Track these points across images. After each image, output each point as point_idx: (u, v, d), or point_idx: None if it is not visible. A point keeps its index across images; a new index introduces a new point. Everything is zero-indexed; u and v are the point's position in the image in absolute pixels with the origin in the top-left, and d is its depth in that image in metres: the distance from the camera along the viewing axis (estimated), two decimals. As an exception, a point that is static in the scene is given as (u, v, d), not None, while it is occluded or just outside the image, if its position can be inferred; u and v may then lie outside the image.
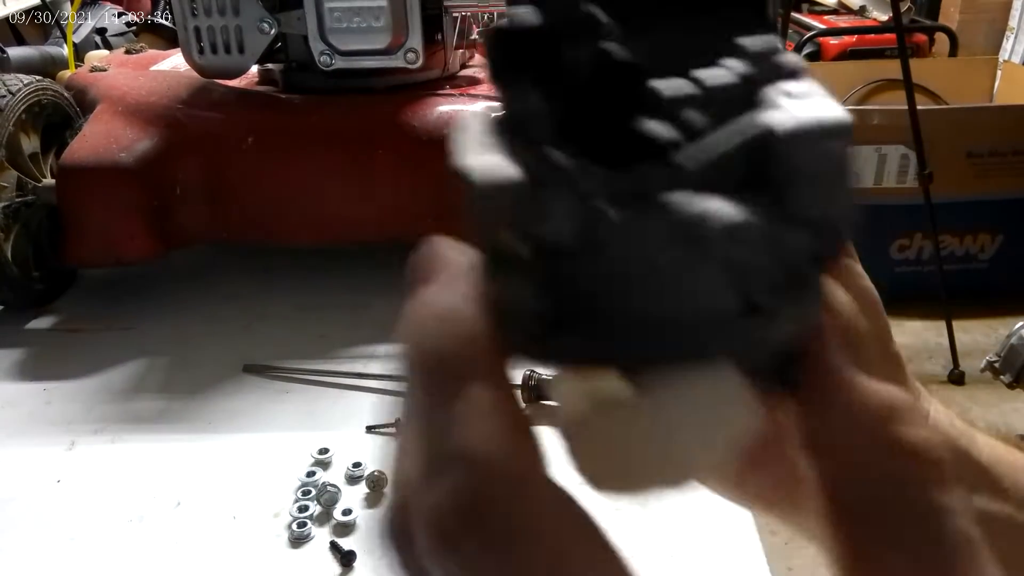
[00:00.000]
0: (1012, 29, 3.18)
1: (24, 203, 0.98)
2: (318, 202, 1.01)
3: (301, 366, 0.89)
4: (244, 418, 0.82)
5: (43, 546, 0.67)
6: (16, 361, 0.94)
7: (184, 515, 0.70)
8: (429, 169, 0.99)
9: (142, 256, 0.99)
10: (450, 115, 1.01)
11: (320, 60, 0.99)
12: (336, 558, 0.65)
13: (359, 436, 0.79)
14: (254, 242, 1.06)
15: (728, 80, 0.17)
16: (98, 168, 0.96)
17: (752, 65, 0.17)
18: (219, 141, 1.00)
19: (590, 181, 0.16)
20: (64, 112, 1.07)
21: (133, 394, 0.87)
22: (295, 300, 1.05)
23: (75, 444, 0.79)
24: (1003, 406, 1.84)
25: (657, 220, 0.16)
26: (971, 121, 2.15)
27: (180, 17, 1.00)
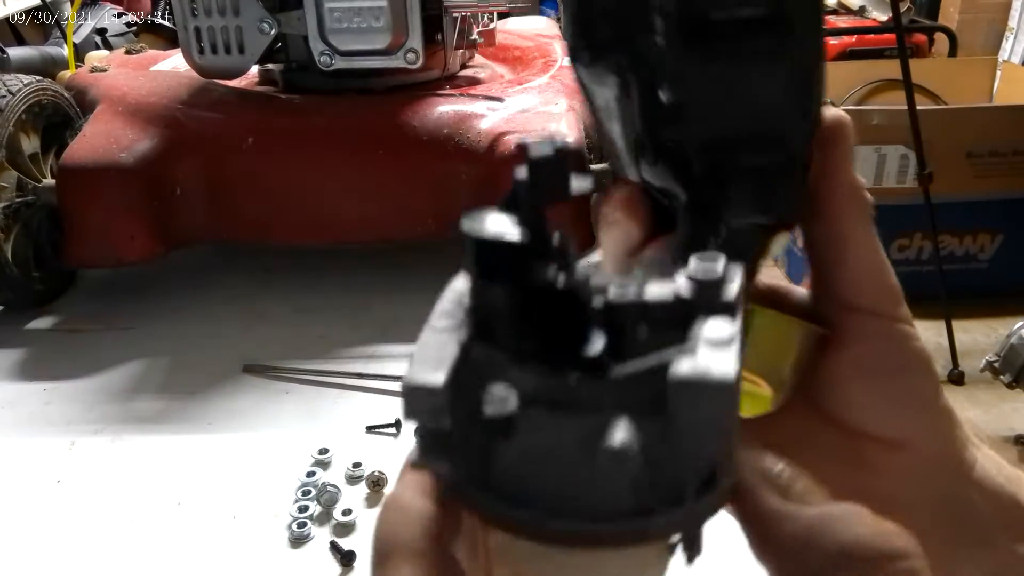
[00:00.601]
0: (1012, 29, 3.18)
1: (24, 203, 0.98)
2: (318, 202, 1.01)
3: (301, 366, 0.89)
4: (244, 418, 0.82)
5: (43, 546, 0.67)
6: (16, 361, 0.94)
7: (184, 515, 0.70)
8: (429, 169, 0.99)
9: (142, 256, 0.99)
10: (450, 115, 1.01)
11: (320, 60, 0.99)
12: (336, 558, 0.65)
13: (359, 436, 0.79)
14: (254, 242, 1.06)
15: (667, 299, 0.20)
16: (98, 168, 0.96)
17: (694, 289, 0.20)
18: (219, 141, 1.00)
19: (523, 378, 0.19)
20: (64, 112, 1.07)
21: (133, 394, 0.87)
22: (295, 300, 1.05)
23: (75, 444, 0.79)
24: (1003, 406, 1.84)
25: (566, 426, 0.19)
26: (971, 121, 2.14)
27: (180, 17, 1.00)
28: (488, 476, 0.20)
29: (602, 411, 0.19)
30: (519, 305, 0.20)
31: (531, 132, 0.97)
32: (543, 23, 1.62)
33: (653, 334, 0.20)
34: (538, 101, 1.05)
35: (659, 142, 0.25)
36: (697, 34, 0.22)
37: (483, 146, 0.97)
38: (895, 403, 0.26)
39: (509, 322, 0.20)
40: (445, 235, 1.03)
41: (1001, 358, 1.62)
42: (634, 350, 0.19)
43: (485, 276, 0.20)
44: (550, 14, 2.63)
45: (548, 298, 0.20)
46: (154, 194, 0.98)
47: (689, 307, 0.19)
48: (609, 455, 0.18)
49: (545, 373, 0.19)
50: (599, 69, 0.26)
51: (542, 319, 0.20)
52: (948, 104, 2.39)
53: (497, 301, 0.20)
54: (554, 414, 0.19)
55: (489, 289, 0.20)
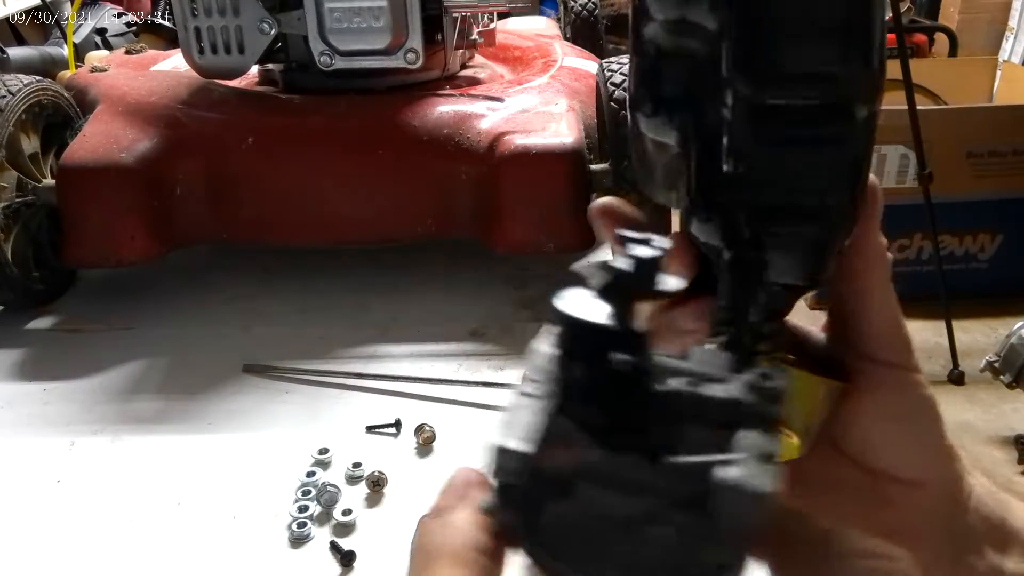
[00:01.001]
0: (1012, 29, 3.18)
1: (24, 203, 0.98)
2: (318, 202, 1.01)
3: (301, 366, 0.89)
4: (244, 418, 0.82)
5: (43, 546, 0.67)
6: (16, 361, 0.94)
7: (184, 515, 0.70)
8: (429, 169, 0.99)
9: (142, 256, 0.99)
10: (450, 115, 1.01)
11: (320, 60, 0.99)
12: (336, 558, 0.65)
13: (359, 436, 0.79)
14: (254, 242, 1.06)
15: (723, 400, 0.22)
16: (98, 168, 0.96)
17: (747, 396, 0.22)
18: (219, 141, 1.00)
19: (588, 451, 0.22)
20: (64, 112, 1.07)
21: (133, 394, 0.87)
22: (295, 301, 1.05)
23: (75, 444, 0.79)
24: (1003, 406, 1.84)
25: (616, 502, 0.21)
26: (971, 121, 2.14)
27: (180, 17, 1.00)
28: (538, 524, 0.22)
29: (650, 496, 0.21)
30: (596, 383, 0.22)
31: (531, 132, 0.97)
32: (543, 23, 1.62)
33: (705, 428, 0.22)
34: (538, 101, 1.05)
35: (713, 203, 0.27)
36: (767, 117, 0.24)
37: (483, 146, 0.97)
38: (911, 446, 0.30)
39: (584, 396, 0.22)
40: (445, 235, 1.03)
41: (1001, 358, 1.61)
42: (687, 441, 0.22)
43: (571, 355, 0.22)
44: (550, 14, 2.63)
45: (621, 380, 0.22)
46: (154, 194, 0.98)
47: (740, 411, 0.22)
48: (649, 536, 0.21)
49: (607, 452, 0.22)
50: (659, 121, 0.27)
51: (613, 397, 0.22)
52: (948, 104, 2.39)
53: (578, 377, 0.22)
54: (608, 490, 0.21)
55: (573, 366, 0.22)
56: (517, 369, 0.85)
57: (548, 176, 0.95)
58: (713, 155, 0.25)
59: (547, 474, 0.22)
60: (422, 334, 0.96)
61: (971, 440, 1.75)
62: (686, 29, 0.25)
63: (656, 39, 0.26)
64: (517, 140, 0.96)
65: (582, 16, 2.19)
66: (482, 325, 0.97)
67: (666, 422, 0.22)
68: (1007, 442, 1.72)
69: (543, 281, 1.07)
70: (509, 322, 0.98)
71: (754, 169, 0.25)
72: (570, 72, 1.16)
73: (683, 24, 0.25)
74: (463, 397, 0.84)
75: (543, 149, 0.95)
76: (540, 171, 0.95)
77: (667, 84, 0.26)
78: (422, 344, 0.94)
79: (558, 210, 0.96)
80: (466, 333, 0.96)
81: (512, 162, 0.95)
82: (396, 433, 0.79)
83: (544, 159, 0.94)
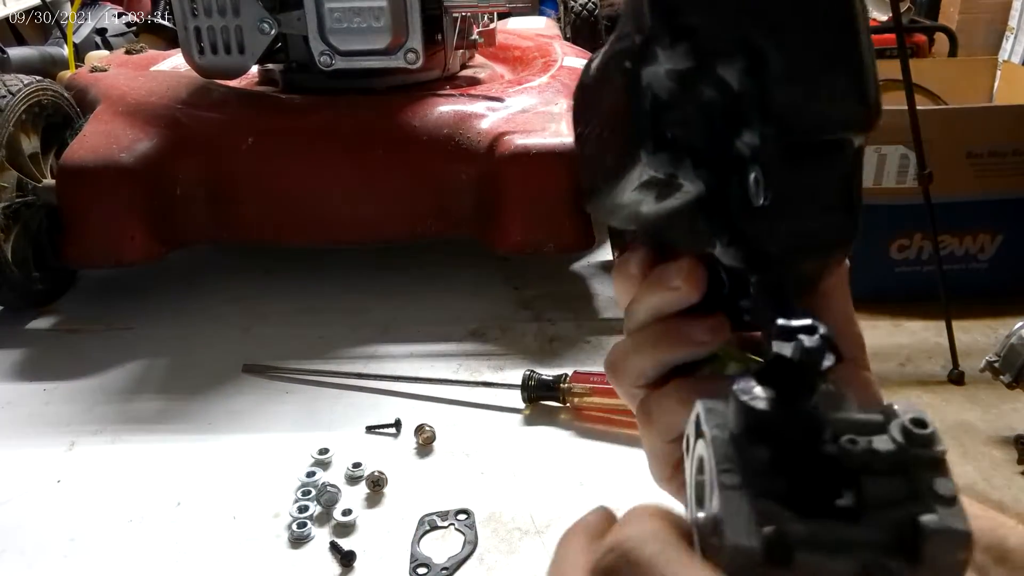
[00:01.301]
0: (1012, 29, 3.18)
1: (24, 203, 0.98)
2: (318, 202, 1.01)
3: (301, 366, 0.89)
4: (244, 418, 0.82)
5: (43, 546, 0.67)
6: (16, 361, 0.94)
7: (184, 515, 0.70)
8: (429, 169, 0.99)
9: (142, 257, 0.99)
10: (450, 115, 1.01)
11: (320, 60, 0.99)
12: (336, 558, 0.65)
13: (359, 436, 0.79)
14: (254, 242, 1.06)
15: (891, 451, 0.24)
16: (98, 168, 0.96)
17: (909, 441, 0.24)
18: (219, 141, 1.00)
19: (796, 525, 0.23)
20: (64, 112, 1.07)
21: (133, 394, 0.87)
22: (295, 301, 1.05)
23: (75, 444, 0.79)
24: (1003, 406, 1.84)
25: (834, 566, 0.23)
26: (971, 121, 2.14)
27: (180, 17, 1.00)
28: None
29: (862, 551, 0.23)
30: (783, 461, 0.24)
31: (531, 132, 0.97)
32: (543, 23, 1.62)
33: (886, 477, 0.24)
34: (538, 101, 1.05)
35: (736, 230, 0.29)
36: (799, 154, 0.28)
37: (483, 146, 0.97)
38: None
39: (775, 474, 0.24)
40: (445, 235, 1.03)
41: (1001, 358, 1.62)
42: (872, 494, 0.24)
43: (753, 439, 0.24)
44: (550, 14, 2.63)
45: (804, 454, 0.24)
46: (154, 194, 0.98)
47: (908, 457, 0.24)
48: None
49: (812, 521, 0.23)
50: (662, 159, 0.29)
51: (801, 470, 0.24)
52: (948, 104, 2.39)
53: (764, 460, 0.24)
54: (822, 554, 0.23)
55: (755, 450, 0.24)
56: (517, 369, 0.85)
57: (548, 176, 0.95)
58: (730, 189, 0.28)
59: (771, 555, 0.23)
60: (422, 334, 0.96)
61: (971, 440, 1.75)
62: (703, 80, 0.28)
63: (658, 85, 0.28)
64: (517, 140, 0.96)
65: (582, 16, 2.19)
66: (482, 325, 0.97)
67: (852, 480, 0.24)
68: (1007, 442, 1.72)
69: (543, 281, 1.07)
70: (509, 322, 0.98)
71: (783, 199, 0.28)
72: (570, 72, 1.16)
73: (699, 76, 0.28)
74: (463, 397, 0.84)
75: (543, 149, 0.95)
76: (540, 171, 0.95)
77: (672, 126, 0.29)
78: (422, 344, 0.94)
79: (558, 210, 0.96)
80: (466, 333, 0.96)
81: (512, 162, 0.95)
82: (396, 433, 0.79)
83: (544, 159, 0.94)
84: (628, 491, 0.68)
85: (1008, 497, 1.59)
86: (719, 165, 0.29)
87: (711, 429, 0.25)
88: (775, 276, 0.30)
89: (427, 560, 0.64)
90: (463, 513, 0.69)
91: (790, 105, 0.27)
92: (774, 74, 0.27)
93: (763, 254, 0.29)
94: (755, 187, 0.28)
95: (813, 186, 0.28)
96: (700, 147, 0.29)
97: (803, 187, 0.28)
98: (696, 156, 0.29)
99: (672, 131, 0.29)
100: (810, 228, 0.29)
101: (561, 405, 0.81)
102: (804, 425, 0.24)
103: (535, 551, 0.65)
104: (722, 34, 0.27)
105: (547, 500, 0.70)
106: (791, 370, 0.25)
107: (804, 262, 0.30)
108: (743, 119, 0.27)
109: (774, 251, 0.29)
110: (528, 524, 0.68)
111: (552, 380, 0.81)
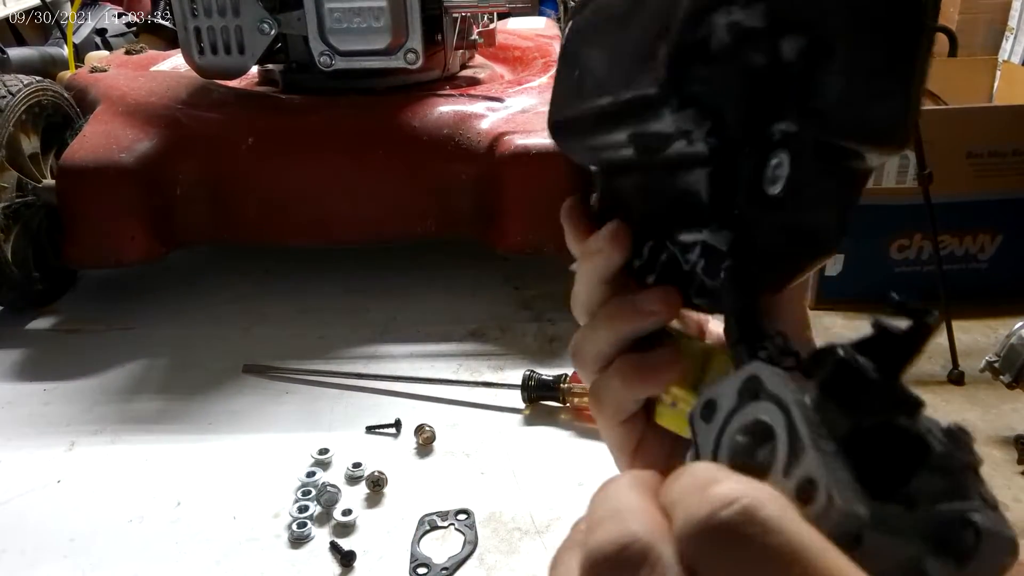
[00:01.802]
0: (1011, 29, 3.18)
1: (24, 203, 0.98)
2: (318, 203, 1.01)
3: (301, 366, 0.89)
4: (244, 419, 0.82)
5: (43, 546, 0.67)
6: (16, 361, 0.94)
7: (184, 515, 0.70)
8: (429, 169, 0.99)
9: (142, 257, 0.99)
10: (450, 115, 1.01)
11: (320, 60, 0.99)
12: (336, 558, 0.65)
13: (359, 436, 0.79)
14: (254, 242, 1.06)
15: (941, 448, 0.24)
16: (98, 168, 0.96)
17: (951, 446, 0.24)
18: (219, 141, 1.00)
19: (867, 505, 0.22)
20: (64, 112, 1.07)
21: (133, 394, 0.87)
22: (295, 301, 1.05)
23: (75, 444, 0.79)
24: (1003, 406, 1.84)
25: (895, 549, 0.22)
26: (971, 121, 2.14)
27: (180, 17, 1.00)
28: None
29: (915, 540, 0.23)
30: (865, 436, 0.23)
31: (531, 132, 0.97)
32: (543, 23, 1.62)
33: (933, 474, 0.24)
34: (538, 101, 1.05)
35: (740, 216, 0.29)
36: (830, 155, 0.28)
37: (483, 146, 0.97)
38: None
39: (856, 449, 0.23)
40: (445, 235, 1.03)
41: (1001, 358, 1.61)
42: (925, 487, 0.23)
43: (839, 408, 0.23)
44: (550, 14, 2.63)
45: (885, 432, 0.24)
46: (154, 194, 0.98)
47: (954, 459, 0.24)
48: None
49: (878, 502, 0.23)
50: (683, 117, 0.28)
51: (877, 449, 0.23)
52: (948, 104, 2.39)
53: (842, 429, 0.23)
54: (886, 536, 0.22)
55: (838, 418, 0.23)
56: (517, 369, 0.85)
57: (548, 176, 0.95)
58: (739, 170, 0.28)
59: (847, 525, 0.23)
60: (422, 334, 0.96)
61: (971, 440, 1.75)
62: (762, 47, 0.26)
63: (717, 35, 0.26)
64: (517, 140, 0.96)
65: (582, 16, 2.19)
66: (482, 325, 0.97)
67: (915, 468, 0.23)
68: (1007, 442, 1.72)
69: (543, 281, 1.07)
70: (509, 322, 0.98)
71: (798, 194, 0.27)
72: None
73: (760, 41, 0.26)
74: (463, 397, 0.84)
75: (543, 149, 0.95)
76: (540, 171, 0.95)
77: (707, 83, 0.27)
78: (422, 344, 0.94)
79: (558, 210, 0.96)
80: (466, 333, 0.96)
81: (512, 162, 0.95)
82: (396, 433, 0.79)
83: (544, 159, 0.94)
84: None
85: (1008, 497, 1.59)
86: (739, 141, 0.27)
87: (792, 392, 0.24)
88: (753, 267, 0.29)
89: (427, 560, 0.64)
90: (463, 513, 0.69)
91: (842, 104, 0.26)
92: (837, 68, 0.26)
93: (752, 243, 0.29)
94: (773, 175, 0.27)
95: (828, 190, 0.28)
96: (727, 115, 0.27)
97: (819, 188, 0.28)
98: (718, 123, 0.27)
99: (704, 88, 0.27)
100: (809, 229, 0.29)
101: (561, 405, 0.81)
102: (896, 400, 0.24)
103: (535, 551, 0.65)
104: (804, 8, 0.26)
105: (547, 500, 0.70)
106: (898, 343, 0.24)
107: (791, 260, 0.30)
108: (785, 102, 0.26)
109: (767, 242, 0.28)
110: (528, 524, 0.68)
111: (552, 380, 0.81)
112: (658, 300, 0.32)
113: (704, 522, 0.20)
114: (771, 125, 0.27)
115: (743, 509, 0.19)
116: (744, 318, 0.28)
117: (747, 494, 0.20)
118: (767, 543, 0.19)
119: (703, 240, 0.30)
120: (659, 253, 0.32)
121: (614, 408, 0.34)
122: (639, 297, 0.33)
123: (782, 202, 0.27)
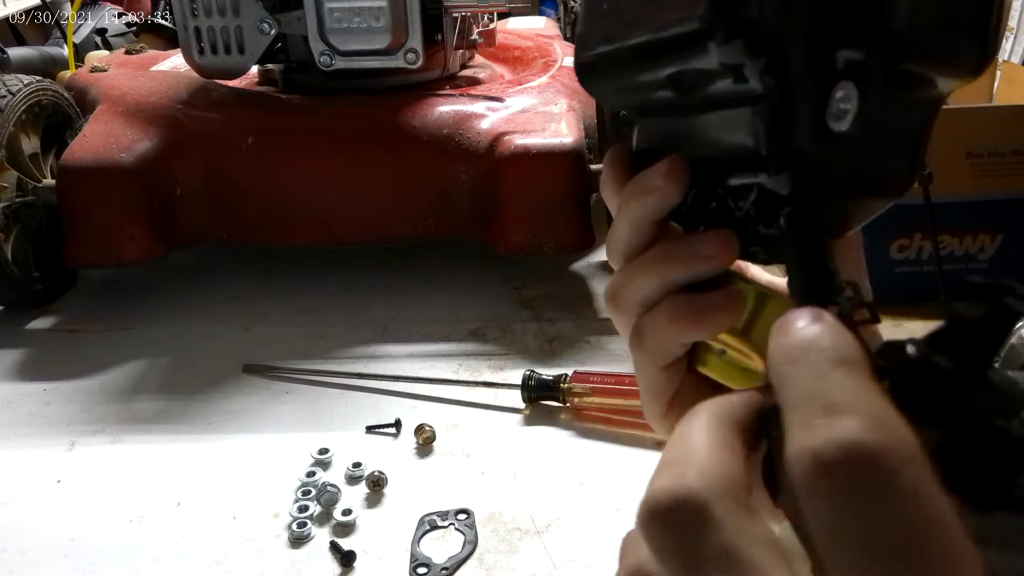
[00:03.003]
0: (1012, 29, 3.18)
1: (24, 203, 0.98)
2: (318, 203, 1.01)
3: (301, 366, 0.89)
4: (244, 418, 0.82)
5: (43, 546, 0.67)
6: (16, 361, 0.94)
7: (184, 515, 0.70)
8: (429, 169, 0.99)
9: (142, 257, 0.99)
10: (450, 115, 1.01)
11: (320, 60, 0.99)
12: (336, 558, 0.65)
13: (359, 436, 0.79)
14: (254, 242, 1.06)
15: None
16: (98, 168, 0.96)
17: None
18: (219, 141, 1.00)
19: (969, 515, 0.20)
20: (64, 112, 1.07)
21: (133, 394, 0.87)
22: (295, 301, 1.05)
23: (75, 444, 0.79)
24: (1003, 406, 1.84)
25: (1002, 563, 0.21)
26: (970, 121, 2.14)
27: (180, 17, 1.00)
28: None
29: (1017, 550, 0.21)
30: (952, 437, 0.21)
31: (531, 132, 0.97)
32: (543, 23, 1.62)
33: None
34: (538, 101, 1.05)
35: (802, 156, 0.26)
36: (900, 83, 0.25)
37: (483, 146, 0.97)
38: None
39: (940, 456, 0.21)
40: (445, 235, 1.03)
41: (1001, 358, 1.61)
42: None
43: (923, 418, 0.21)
44: (550, 14, 2.62)
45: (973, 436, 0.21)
46: (154, 194, 0.98)
47: None
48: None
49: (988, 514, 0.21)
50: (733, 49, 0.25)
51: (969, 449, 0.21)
52: (948, 104, 2.38)
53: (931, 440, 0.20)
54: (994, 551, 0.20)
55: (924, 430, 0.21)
56: (517, 369, 0.85)
57: (548, 176, 0.95)
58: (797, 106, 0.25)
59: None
60: (422, 334, 0.96)
61: (971, 440, 1.75)
62: None
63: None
64: (517, 140, 0.96)
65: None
66: (482, 325, 0.97)
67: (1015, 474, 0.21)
68: (1007, 442, 1.72)
69: (543, 281, 1.07)
70: (509, 322, 0.98)
71: (867, 128, 0.24)
72: (570, 72, 1.16)
73: None
74: (463, 397, 0.84)
75: (543, 149, 0.95)
76: (540, 171, 0.95)
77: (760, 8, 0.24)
78: (422, 344, 0.94)
79: (558, 210, 0.96)
80: (466, 333, 0.96)
81: (512, 162, 0.95)
82: (396, 433, 0.79)
83: (544, 159, 0.94)
84: (628, 491, 0.68)
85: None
86: (798, 73, 0.24)
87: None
88: (819, 212, 0.26)
89: (427, 560, 0.64)
90: (463, 513, 0.69)
91: (914, 27, 0.24)
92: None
93: (817, 185, 0.26)
94: (839, 109, 0.24)
95: (898, 124, 0.26)
96: (787, 44, 0.24)
97: (889, 121, 0.25)
98: (776, 55, 0.24)
99: (758, 14, 0.24)
100: (878, 168, 0.26)
101: (561, 405, 0.81)
102: (988, 399, 0.21)
103: (535, 551, 0.65)
104: None
105: (547, 500, 0.70)
106: (978, 332, 0.22)
107: (856, 201, 0.27)
108: (852, 26, 0.24)
109: (833, 183, 0.26)
110: (528, 524, 0.68)
111: (552, 380, 0.81)
112: (716, 244, 0.30)
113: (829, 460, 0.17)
114: (835, 52, 0.24)
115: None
116: (809, 268, 0.25)
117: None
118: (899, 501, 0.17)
119: (758, 184, 0.27)
120: (707, 200, 0.30)
121: (657, 351, 0.32)
122: (694, 240, 0.30)
123: (850, 139, 0.24)
